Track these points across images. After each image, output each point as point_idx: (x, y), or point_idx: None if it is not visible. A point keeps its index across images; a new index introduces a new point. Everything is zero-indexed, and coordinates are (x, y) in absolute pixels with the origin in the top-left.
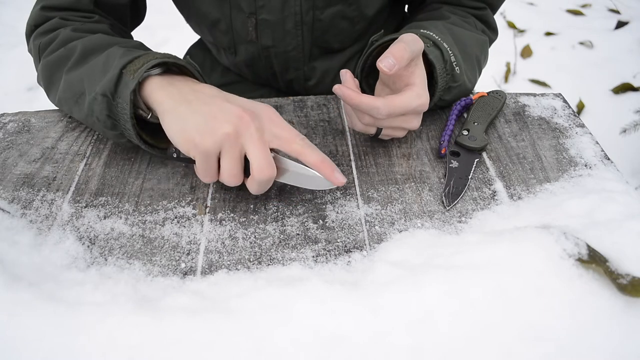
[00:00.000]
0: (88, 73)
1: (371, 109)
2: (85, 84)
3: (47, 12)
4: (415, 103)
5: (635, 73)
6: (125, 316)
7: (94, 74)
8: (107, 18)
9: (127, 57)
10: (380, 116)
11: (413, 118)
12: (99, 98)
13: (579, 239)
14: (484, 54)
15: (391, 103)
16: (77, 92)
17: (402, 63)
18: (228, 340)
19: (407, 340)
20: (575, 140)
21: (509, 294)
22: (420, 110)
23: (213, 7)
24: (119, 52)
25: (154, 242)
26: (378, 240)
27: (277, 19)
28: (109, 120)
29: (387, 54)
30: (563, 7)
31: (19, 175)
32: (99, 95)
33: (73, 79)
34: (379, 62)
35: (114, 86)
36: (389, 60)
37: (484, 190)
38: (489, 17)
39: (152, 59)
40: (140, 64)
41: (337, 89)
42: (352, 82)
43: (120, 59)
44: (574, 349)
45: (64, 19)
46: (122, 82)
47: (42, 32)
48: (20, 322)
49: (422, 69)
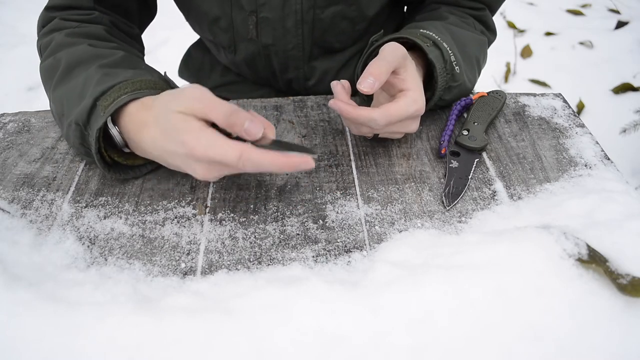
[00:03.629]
0: (67, 96)
1: (369, 120)
2: (65, 106)
3: (50, 13)
4: (412, 109)
5: (635, 73)
6: (125, 316)
7: (72, 99)
8: (108, 14)
9: (101, 87)
10: (378, 127)
11: (411, 123)
12: (73, 126)
13: (579, 239)
14: (483, 54)
15: (387, 113)
16: (60, 112)
17: (382, 79)
18: (228, 340)
19: (407, 340)
20: (575, 140)
21: (509, 294)
22: (416, 115)
23: (214, 5)
24: (96, 77)
25: (154, 242)
26: (378, 240)
27: (278, 17)
28: (82, 148)
29: (366, 73)
30: (563, 7)
31: (19, 175)
32: (73, 123)
33: (57, 97)
34: (358, 85)
35: (87, 116)
36: (367, 80)
37: (484, 190)
38: (488, 18)
39: (123, 94)
40: (111, 99)
41: (332, 105)
42: (344, 94)
43: (95, 88)
44: (574, 349)
45: (63, 19)
46: (94, 114)
47: (45, 32)
48: (20, 322)
49: (414, 73)
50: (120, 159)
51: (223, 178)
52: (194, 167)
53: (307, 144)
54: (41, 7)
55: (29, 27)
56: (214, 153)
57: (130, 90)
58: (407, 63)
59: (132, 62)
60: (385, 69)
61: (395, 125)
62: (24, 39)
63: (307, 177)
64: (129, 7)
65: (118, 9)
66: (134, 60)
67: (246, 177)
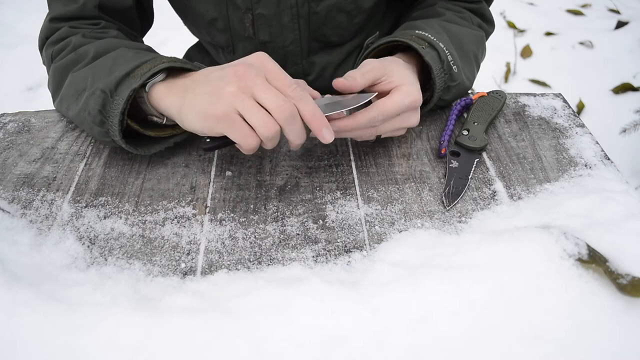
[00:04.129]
0: (93, 72)
1: (369, 121)
2: (89, 81)
3: (55, 24)
4: (408, 100)
5: (635, 73)
6: (125, 316)
7: (99, 73)
8: (114, 23)
9: (135, 62)
10: (378, 123)
11: (410, 115)
12: (97, 92)
13: (579, 239)
14: (481, 49)
15: (383, 107)
16: (80, 89)
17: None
18: (228, 340)
19: (406, 340)
20: (575, 140)
21: (509, 294)
22: (414, 107)
23: (210, 6)
24: (128, 55)
25: (154, 242)
26: (378, 240)
27: (274, 13)
28: (99, 116)
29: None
30: (563, 7)
31: (19, 175)
32: (98, 90)
33: (78, 77)
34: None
35: (116, 85)
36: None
37: (484, 190)
38: (485, 9)
39: (159, 63)
40: (147, 68)
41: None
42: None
43: (128, 63)
44: (574, 349)
45: (72, 27)
46: (125, 83)
47: (52, 42)
48: (20, 322)
49: (400, 72)
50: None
51: (223, 178)
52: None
53: (307, 144)
54: (41, 7)
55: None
56: (273, 65)
57: (167, 61)
58: (388, 70)
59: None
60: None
61: (396, 120)
62: (24, 39)
63: (307, 177)
64: (130, 15)
65: (121, 18)
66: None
67: (246, 177)
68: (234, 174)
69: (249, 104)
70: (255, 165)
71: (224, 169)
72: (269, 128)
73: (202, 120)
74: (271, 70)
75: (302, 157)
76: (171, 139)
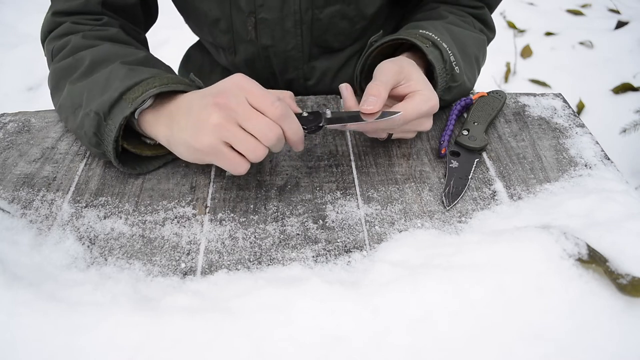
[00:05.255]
0: (89, 87)
1: (389, 125)
2: (85, 97)
3: (58, 18)
4: (427, 106)
5: (635, 73)
6: (125, 316)
7: (94, 90)
8: (117, 19)
9: (128, 82)
10: (397, 127)
11: (425, 120)
12: (91, 114)
13: (579, 239)
14: (483, 53)
15: (404, 112)
16: (77, 103)
17: (382, 96)
18: (228, 340)
19: (406, 340)
20: (575, 140)
21: (509, 294)
22: (432, 112)
23: (213, 6)
24: (122, 72)
25: (154, 242)
26: (378, 240)
27: (276, 18)
28: (94, 138)
29: (366, 94)
30: (563, 7)
31: (19, 175)
32: (92, 112)
33: (76, 90)
34: (361, 106)
35: (109, 108)
36: (369, 99)
37: (484, 190)
38: (487, 16)
39: (151, 88)
40: (139, 92)
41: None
42: (352, 98)
43: (122, 82)
44: (574, 349)
45: (74, 23)
46: (118, 107)
47: (54, 37)
48: (20, 322)
49: (419, 77)
50: (135, 149)
51: (223, 178)
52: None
53: (307, 144)
54: (41, 7)
55: (29, 27)
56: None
57: (158, 85)
58: (407, 73)
59: (154, 62)
60: (383, 88)
61: (412, 123)
62: (24, 39)
63: (307, 177)
64: (134, 11)
65: (125, 14)
66: (155, 61)
67: (246, 177)
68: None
69: (235, 133)
70: (256, 165)
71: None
72: (257, 153)
73: (191, 153)
74: (251, 92)
75: (302, 157)
76: (169, 155)
